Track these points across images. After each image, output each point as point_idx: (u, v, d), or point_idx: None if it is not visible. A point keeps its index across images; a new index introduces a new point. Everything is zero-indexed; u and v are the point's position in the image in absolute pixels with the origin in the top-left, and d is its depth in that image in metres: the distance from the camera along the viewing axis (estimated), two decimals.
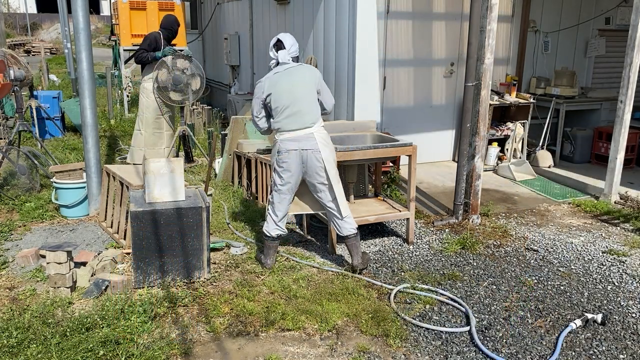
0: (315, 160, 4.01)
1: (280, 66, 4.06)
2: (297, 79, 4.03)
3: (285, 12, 7.94)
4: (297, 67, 4.07)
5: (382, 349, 3.28)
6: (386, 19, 6.24)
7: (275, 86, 4.01)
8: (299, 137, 4.00)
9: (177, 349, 3.17)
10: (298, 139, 4.00)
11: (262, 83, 4.07)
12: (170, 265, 3.89)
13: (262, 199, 5.69)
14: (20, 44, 24.05)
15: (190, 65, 6.48)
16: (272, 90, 4.01)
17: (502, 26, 6.88)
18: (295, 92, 4.01)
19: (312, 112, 4.05)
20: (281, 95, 4.00)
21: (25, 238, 4.74)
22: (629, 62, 5.53)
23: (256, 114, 4.17)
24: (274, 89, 4.01)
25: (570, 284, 4.15)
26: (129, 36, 10.03)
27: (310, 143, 3.99)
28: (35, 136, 7.38)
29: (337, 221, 4.17)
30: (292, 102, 3.99)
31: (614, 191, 5.86)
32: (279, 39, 4.08)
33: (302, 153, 4.01)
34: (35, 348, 3.00)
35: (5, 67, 6.33)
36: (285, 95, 4.00)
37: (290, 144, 4.00)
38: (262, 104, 4.10)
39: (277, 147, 4.07)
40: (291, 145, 4.00)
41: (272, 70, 4.09)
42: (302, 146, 4.00)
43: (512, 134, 6.96)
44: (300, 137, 4.00)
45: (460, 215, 5.28)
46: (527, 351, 3.29)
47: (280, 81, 4.01)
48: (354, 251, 4.18)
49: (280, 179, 4.11)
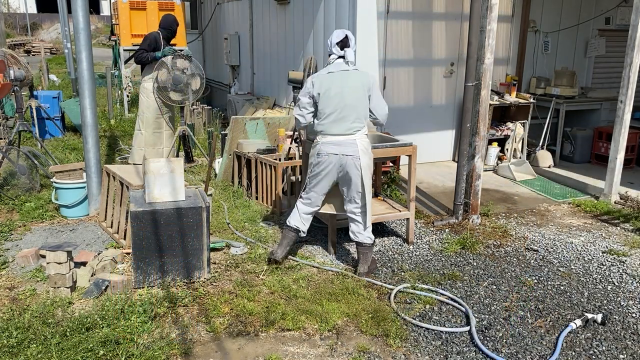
0: (354, 167, 4.00)
1: (334, 66, 4.03)
2: (350, 84, 4.00)
3: (285, 12, 7.94)
4: (352, 71, 4.04)
5: (382, 349, 3.28)
6: (386, 19, 6.24)
7: (327, 87, 3.99)
8: (341, 142, 4.00)
9: (177, 349, 3.17)
10: (340, 144, 4.00)
11: (314, 79, 4.04)
12: (170, 265, 3.89)
13: (262, 199, 5.69)
14: (20, 44, 24.06)
15: (190, 65, 6.48)
16: (321, 90, 3.99)
17: (502, 26, 6.88)
18: (346, 97, 3.98)
19: (359, 120, 4.03)
20: (331, 98, 3.99)
21: (25, 238, 4.74)
22: (629, 62, 5.53)
23: (304, 106, 4.09)
24: (325, 90, 3.99)
25: (570, 284, 4.15)
26: (129, 36, 10.03)
27: (351, 149, 3.99)
28: (35, 136, 7.38)
29: (357, 229, 4.19)
30: (341, 108, 3.98)
31: (614, 191, 5.86)
32: (347, 35, 4.02)
33: (342, 158, 4.00)
34: (35, 348, 3.00)
35: (5, 67, 6.33)
36: (336, 99, 3.98)
37: (332, 148, 4.00)
38: (311, 98, 4.05)
39: (317, 149, 4.07)
40: (332, 149, 4.00)
41: (325, 69, 4.06)
42: (343, 151, 3.99)
43: (512, 134, 6.96)
44: (342, 142, 4.00)
45: (460, 215, 5.28)
46: (527, 351, 3.29)
47: (332, 84, 3.99)
48: (363, 258, 4.20)
49: (315, 179, 4.14)
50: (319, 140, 4.07)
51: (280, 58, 8.29)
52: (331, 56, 4.07)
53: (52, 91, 9.27)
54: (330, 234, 4.55)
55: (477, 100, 5.08)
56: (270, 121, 6.45)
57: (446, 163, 7.07)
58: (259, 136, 6.28)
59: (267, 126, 6.38)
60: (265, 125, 6.36)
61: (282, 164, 5.42)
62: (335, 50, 4.03)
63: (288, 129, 6.45)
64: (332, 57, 4.06)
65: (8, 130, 7.41)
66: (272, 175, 5.45)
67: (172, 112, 6.79)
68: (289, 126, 6.54)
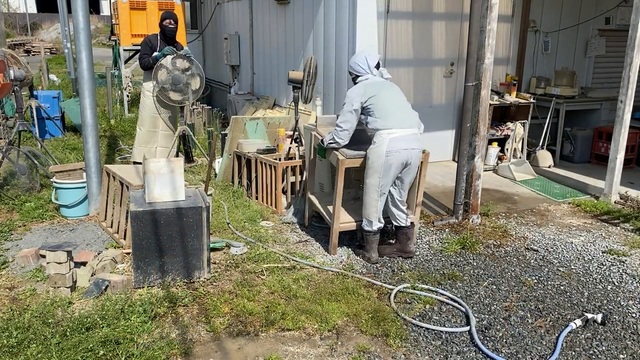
0: (417, 159, 4.31)
1: (373, 78, 4.33)
2: (395, 89, 4.38)
3: (285, 12, 7.94)
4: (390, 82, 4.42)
5: (382, 348, 3.28)
6: (386, 19, 6.24)
7: (377, 91, 4.22)
8: (407, 137, 4.20)
9: (177, 348, 3.17)
10: (406, 139, 4.19)
11: (360, 89, 4.25)
12: (170, 265, 3.89)
13: (262, 199, 5.69)
14: (20, 43, 24.07)
15: (190, 64, 6.48)
16: (374, 93, 4.21)
17: (502, 26, 6.88)
18: (398, 100, 4.32)
19: (414, 115, 4.37)
20: (386, 98, 4.24)
21: (25, 238, 4.74)
22: (629, 62, 5.53)
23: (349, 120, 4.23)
24: (376, 92, 4.21)
25: (570, 283, 4.15)
26: (129, 36, 10.03)
27: (416, 143, 4.24)
28: (35, 136, 7.38)
29: (404, 215, 4.47)
30: (398, 105, 4.29)
31: (614, 191, 5.86)
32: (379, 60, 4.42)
33: (410, 152, 4.21)
34: (35, 348, 3.00)
35: (5, 67, 6.33)
36: (391, 99, 4.27)
37: (401, 144, 4.16)
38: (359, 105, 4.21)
39: (384, 147, 4.14)
40: (401, 144, 4.16)
41: (366, 80, 4.32)
42: (410, 145, 4.21)
43: (512, 133, 6.96)
44: (408, 136, 4.20)
45: (460, 215, 5.28)
46: (527, 351, 3.30)
47: (382, 88, 4.27)
48: (412, 239, 4.54)
49: (385, 178, 4.23)
50: (385, 137, 4.15)
51: (280, 58, 8.29)
52: (364, 76, 4.35)
53: (52, 91, 9.27)
54: (333, 236, 4.53)
55: (477, 100, 5.08)
56: (270, 121, 6.45)
57: (446, 163, 7.07)
58: (259, 136, 6.28)
59: (267, 126, 6.38)
60: (265, 125, 6.36)
61: (282, 164, 5.42)
62: (374, 71, 4.35)
63: (288, 129, 6.45)
64: (364, 77, 4.35)
65: (8, 130, 7.41)
66: (272, 175, 5.45)
67: (173, 113, 6.78)
68: (289, 126, 6.54)
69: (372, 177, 4.24)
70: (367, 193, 4.32)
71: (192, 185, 4.65)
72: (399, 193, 4.41)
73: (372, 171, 4.22)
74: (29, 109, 7.94)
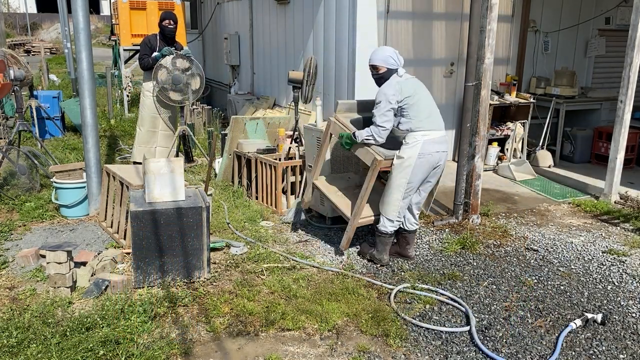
0: (444, 161, 4.28)
1: (405, 75, 4.21)
2: (426, 89, 4.29)
3: (285, 12, 7.94)
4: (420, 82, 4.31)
5: (382, 348, 3.28)
6: (386, 19, 6.24)
7: (413, 90, 4.13)
8: (438, 139, 4.16)
9: (177, 348, 3.17)
10: (438, 141, 4.16)
11: (395, 86, 4.09)
12: (170, 265, 3.89)
13: (262, 199, 5.69)
14: (20, 43, 24.07)
15: (190, 64, 6.48)
16: (410, 93, 4.10)
17: (502, 26, 6.88)
18: (430, 100, 4.25)
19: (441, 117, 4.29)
20: (422, 97, 4.16)
21: (25, 238, 4.74)
22: (629, 62, 5.52)
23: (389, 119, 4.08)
24: (412, 92, 4.11)
25: (570, 283, 4.15)
26: (129, 36, 10.03)
27: (445, 145, 4.24)
28: (35, 136, 7.38)
29: (412, 218, 4.43)
30: (431, 106, 4.22)
31: (614, 191, 5.86)
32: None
33: (440, 155, 4.20)
34: (35, 348, 3.00)
35: (5, 67, 6.33)
36: (425, 98, 4.20)
37: (433, 146, 4.13)
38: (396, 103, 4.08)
39: (418, 149, 4.07)
40: (433, 147, 4.13)
41: (399, 77, 4.17)
42: (441, 148, 4.19)
43: (512, 133, 6.96)
44: (439, 138, 4.17)
45: (460, 215, 5.28)
46: (527, 351, 3.30)
47: (417, 88, 4.18)
48: (411, 244, 4.52)
49: (414, 180, 4.17)
50: (420, 139, 4.09)
51: (280, 58, 8.29)
52: (399, 70, 4.19)
53: (52, 91, 9.27)
54: (350, 232, 4.37)
55: (477, 100, 5.08)
56: (270, 121, 6.45)
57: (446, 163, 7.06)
58: (259, 136, 6.28)
59: (267, 126, 6.38)
60: (265, 125, 6.36)
61: (282, 163, 5.42)
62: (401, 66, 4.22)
63: (288, 129, 6.45)
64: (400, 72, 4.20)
65: (8, 130, 7.41)
66: (272, 175, 5.45)
67: (173, 113, 6.78)
68: (289, 126, 6.54)
69: (399, 177, 4.12)
70: (391, 192, 4.20)
71: (192, 185, 4.65)
72: (418, 196, 4.36)
73: (401, 171, 4.11)
74: (29, 109, 7.94)
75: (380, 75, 4.20)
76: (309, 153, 5.15)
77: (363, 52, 6.12)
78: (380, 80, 4.21)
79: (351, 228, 4.35)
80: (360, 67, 6.17)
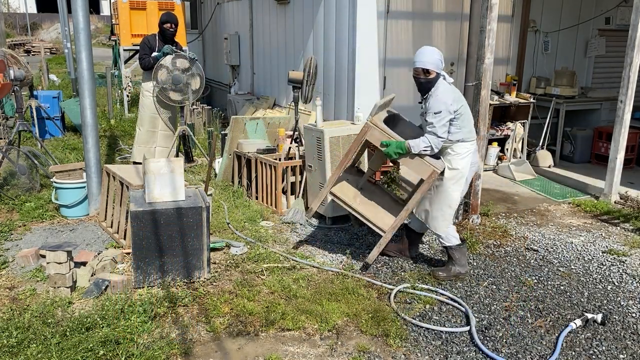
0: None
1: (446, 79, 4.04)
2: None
3: (285, 12, 7.94)
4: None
5: (382, 348, 3.28)
6: (386, 18, 6.24)
7: (464, 99, 4.08)
8: (475, 149, 4.15)
9: (177, 348, 3.17)
10: (475, 151, 4.16)
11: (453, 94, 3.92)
12: (170, 265, 3.89)
13: (262, 199, 5.69)
14: (20, 43, 24.06)
15: (190, 64, 6.48)
16: (463, 102, 4.01)
17: (502, 26, 6.87)
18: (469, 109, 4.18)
19: None
20: (466, 104, 4.08)
21: (25, 238, 4.74)
22: (629, 62, 5.53)
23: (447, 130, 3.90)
24: (464, 102, 4.05)
25: (570, 283, 4.15)
26: (129, 36, 10.03)
27: (478, 154, 4.29)
28: (35, 136, 7.38)
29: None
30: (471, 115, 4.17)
31: (614, 191, 5.86)
32: None
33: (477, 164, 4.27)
34: (35, 348, 3.00)
35: (5, 67, 6.33)
36: (467, 105, 4.12)
37: (474, 156, 4.14)
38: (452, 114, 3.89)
39: (469, 159, 4.02)
40: (477, 156, 4.21)
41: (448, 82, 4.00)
42: (477, 157, 4.26)
43: (512, 133, 6.96)
44: (475, 149, 4.17)
45: (460, 215, 5.28)
46: (527, 351, 3.30)
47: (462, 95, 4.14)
48: (417, 246, 4.55)
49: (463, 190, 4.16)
50: (470, 149, 4.02)
51: (280, 58, 8.29)
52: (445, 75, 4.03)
53: (52, 91, 9.27)
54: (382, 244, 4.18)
55: (477, 100, 5.08)
56: (270, 121, 6.45)
57: None
58: (259, 136, 6.28)
59: (267, 126, 6.38)
60: (265, 125, 6.36)
61: (282, 163, 5.42)
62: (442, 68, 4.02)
63: (288, 129, 6.45)
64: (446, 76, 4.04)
65: (8, 130, 7.41)
66: (272, 175, 5.45)
67: (172, 113, 6.78)
68: (289, 126, 6.54)
69: (454, 189, 3.99)
70: (443, 207, 4.04)
71: (192, 185, 4.65)
72: None
73: (455, 183, 3.99)
74: (29, 109, 7.94)
75: (430, 79, 3.91)
76: (309, 153, 5.14)
77: (363, 52, 6.12)
78: (428, 85, 3.92)
79: (385, 241, 4.16)
80: (360, 67, 6.17)
